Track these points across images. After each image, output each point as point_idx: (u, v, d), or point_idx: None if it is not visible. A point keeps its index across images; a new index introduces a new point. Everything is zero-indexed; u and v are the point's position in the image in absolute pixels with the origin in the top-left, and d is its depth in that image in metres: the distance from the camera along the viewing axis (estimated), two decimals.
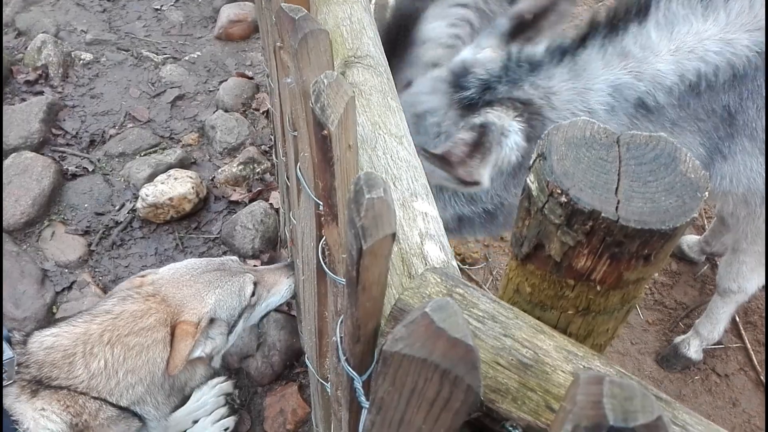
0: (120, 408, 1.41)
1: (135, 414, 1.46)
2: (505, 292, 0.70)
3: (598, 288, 0.60)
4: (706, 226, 2.79)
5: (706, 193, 0.55)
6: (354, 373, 0.70)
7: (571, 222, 0.55)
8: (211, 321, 1.53)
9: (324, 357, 1.33)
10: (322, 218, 0.92)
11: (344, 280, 0.66)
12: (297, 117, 1.17)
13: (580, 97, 1.46)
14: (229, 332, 1.59)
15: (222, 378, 2.20)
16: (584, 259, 0.57)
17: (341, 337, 0.76)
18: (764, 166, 1.54)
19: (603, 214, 0.53)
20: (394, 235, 0.56)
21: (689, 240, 2.77)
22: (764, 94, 1.42)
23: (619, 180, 0.56)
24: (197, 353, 1.49)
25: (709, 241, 2.67)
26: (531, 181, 0.59)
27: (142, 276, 1.58)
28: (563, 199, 0.55)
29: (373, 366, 0.68)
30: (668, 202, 0.54)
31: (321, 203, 0.90)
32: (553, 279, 0.62)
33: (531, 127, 1.47)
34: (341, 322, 0.76)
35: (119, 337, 1.41)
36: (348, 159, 0.80)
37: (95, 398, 1.35)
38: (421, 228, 0.84)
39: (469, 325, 0.61)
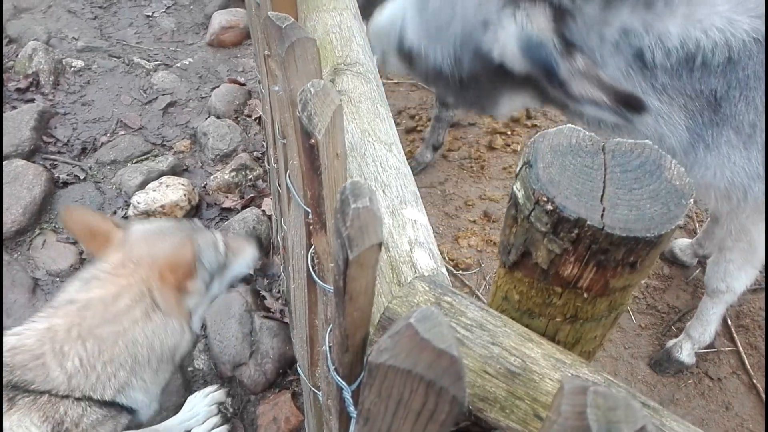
0: (105, 405, 1.32)
1: (122, 407, 1.36)
2: (494, 299, 0.70)
3: (585, 295, 0.60)
4: (698, 231, 2.80)
5: (691, 200, 0.55)
6: (343, 383, 0.70)
7: (557, 230, 0.56)
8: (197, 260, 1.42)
9: (315, 365, 1.32)
10: (311, 227, 0.92)
11: (332, 289, 0.66)
12: (286, 125, 1.17)
13: (599, 27, 1.45)
14: (207, 288, 1.50)
15: (214, 387, 2.19)
16: (571, 266, 0.57)
17: (330, 347, 0.75)
18: (748, 161, 1.53)
19: (589, 222, 0.53)
20: (380, 245, 0.56)
21: (681, 243, 2.77)
22: (753, 86, 1.42)
23: (604, 187, 0.56)
24: (196, 282, 1.39)
25: (702, 243, 2.67)
26: (517, 188, 0.59)
27: (109, 217, 1.48)
28: (549, 207, 0.55)
29: (362, 376, 0.68)
30: (653, 209, 0.54)
31: (310, 212, 0.89)
32: (541, 287, 0.62)
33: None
34: (330, 331, 0.76)
35: (89, 329, 1.28)
36: (336, 168, 0.80)
37: (79, 399, 1.27)
38: (410, 235, 0.84)
39: (457, 334, 0.61)
